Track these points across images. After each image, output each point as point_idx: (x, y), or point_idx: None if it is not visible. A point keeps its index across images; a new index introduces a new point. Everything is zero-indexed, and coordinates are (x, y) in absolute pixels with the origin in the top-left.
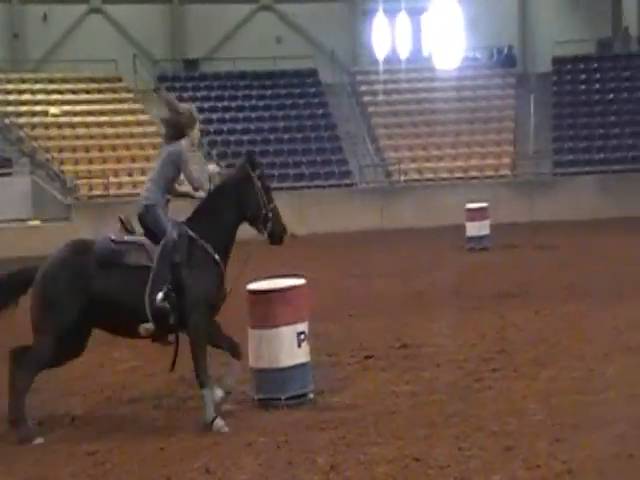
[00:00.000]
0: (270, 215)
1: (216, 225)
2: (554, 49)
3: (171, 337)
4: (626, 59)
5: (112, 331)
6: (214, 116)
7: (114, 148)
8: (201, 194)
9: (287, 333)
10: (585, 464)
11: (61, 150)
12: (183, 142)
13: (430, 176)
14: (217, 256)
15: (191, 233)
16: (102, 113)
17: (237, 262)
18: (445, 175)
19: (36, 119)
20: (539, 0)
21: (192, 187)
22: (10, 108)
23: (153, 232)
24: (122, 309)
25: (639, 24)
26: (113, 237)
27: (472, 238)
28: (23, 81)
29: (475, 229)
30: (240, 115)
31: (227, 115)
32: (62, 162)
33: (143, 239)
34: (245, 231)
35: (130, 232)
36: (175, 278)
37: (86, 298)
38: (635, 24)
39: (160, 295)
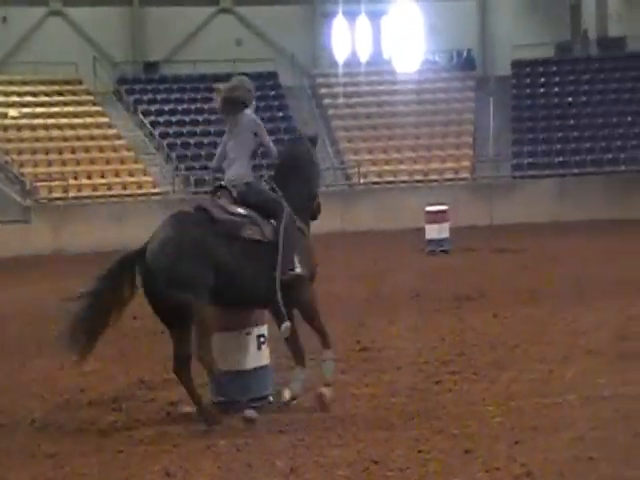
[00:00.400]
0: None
1: (302, 197)
2: (513, 52)
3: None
4: (585, 62)
5: (222, 304)
6: (173, 119)
7: (74, 150)
8: None
9: (247, 336)
10: (544, 467)
11: (20, 152)
12: (248, 111)
13: (390, 179)
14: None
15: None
16: (62, 115)
17: None
18: (405, 178)
19: None
20: (498, 4)
21: (269, 154)
22: None
23: (260, 208)
24: (240, 283)
25: (598, 27)
26: (227, 208)
27: (432, 241)
28: None
29: (435, 232)
30: (200, 118)
31: (187, 118)
32: (22, 164)
33: (253, 213)
34: None
35: (237, 203)
36: None
37: (209, 269)
38: (594, 27)
39: (298, 267)
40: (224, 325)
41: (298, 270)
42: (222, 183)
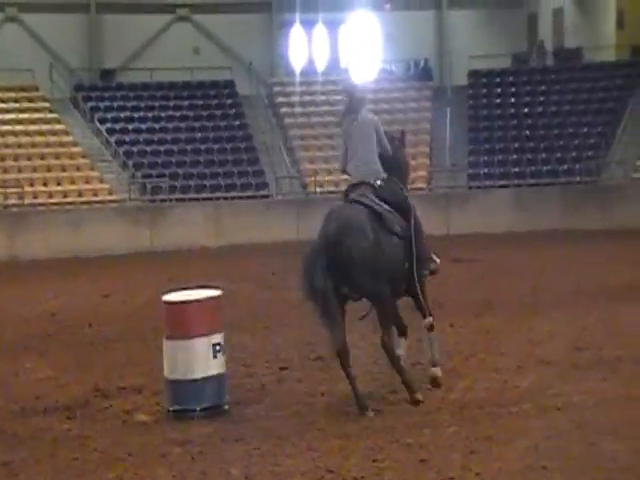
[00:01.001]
0: None
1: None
2: (470, 63)
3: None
4: (541, 73)
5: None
6: (130, 126)
7: (29, 157)
8: None
9: (202, 344)
10: (498, 476)
11: None
12: (365, 111)
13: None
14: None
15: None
16: (18, 122)
17: None
18: None
19: None
20: (455, 14)
21: (386, 153)
22: None
23: (394, 204)
24: (389, 274)
25: (554, 39)
26: (379, 204)
27: None
28: None
29: None
30: (156, 126)
31: (143, 125)
32: None
33: (392, 209)
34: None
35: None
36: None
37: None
38: (550, 39)
39: (437, 259)
40: (178, 333)
41: (438, 262)
42: (362, 179)
